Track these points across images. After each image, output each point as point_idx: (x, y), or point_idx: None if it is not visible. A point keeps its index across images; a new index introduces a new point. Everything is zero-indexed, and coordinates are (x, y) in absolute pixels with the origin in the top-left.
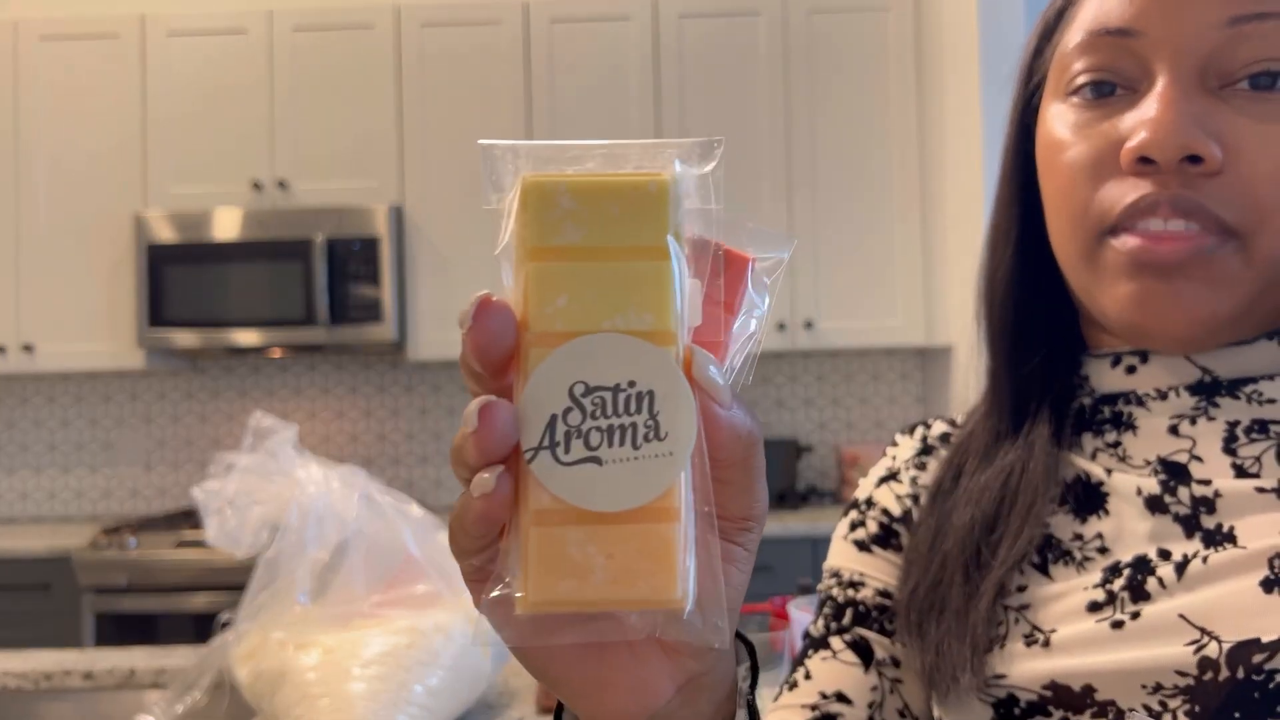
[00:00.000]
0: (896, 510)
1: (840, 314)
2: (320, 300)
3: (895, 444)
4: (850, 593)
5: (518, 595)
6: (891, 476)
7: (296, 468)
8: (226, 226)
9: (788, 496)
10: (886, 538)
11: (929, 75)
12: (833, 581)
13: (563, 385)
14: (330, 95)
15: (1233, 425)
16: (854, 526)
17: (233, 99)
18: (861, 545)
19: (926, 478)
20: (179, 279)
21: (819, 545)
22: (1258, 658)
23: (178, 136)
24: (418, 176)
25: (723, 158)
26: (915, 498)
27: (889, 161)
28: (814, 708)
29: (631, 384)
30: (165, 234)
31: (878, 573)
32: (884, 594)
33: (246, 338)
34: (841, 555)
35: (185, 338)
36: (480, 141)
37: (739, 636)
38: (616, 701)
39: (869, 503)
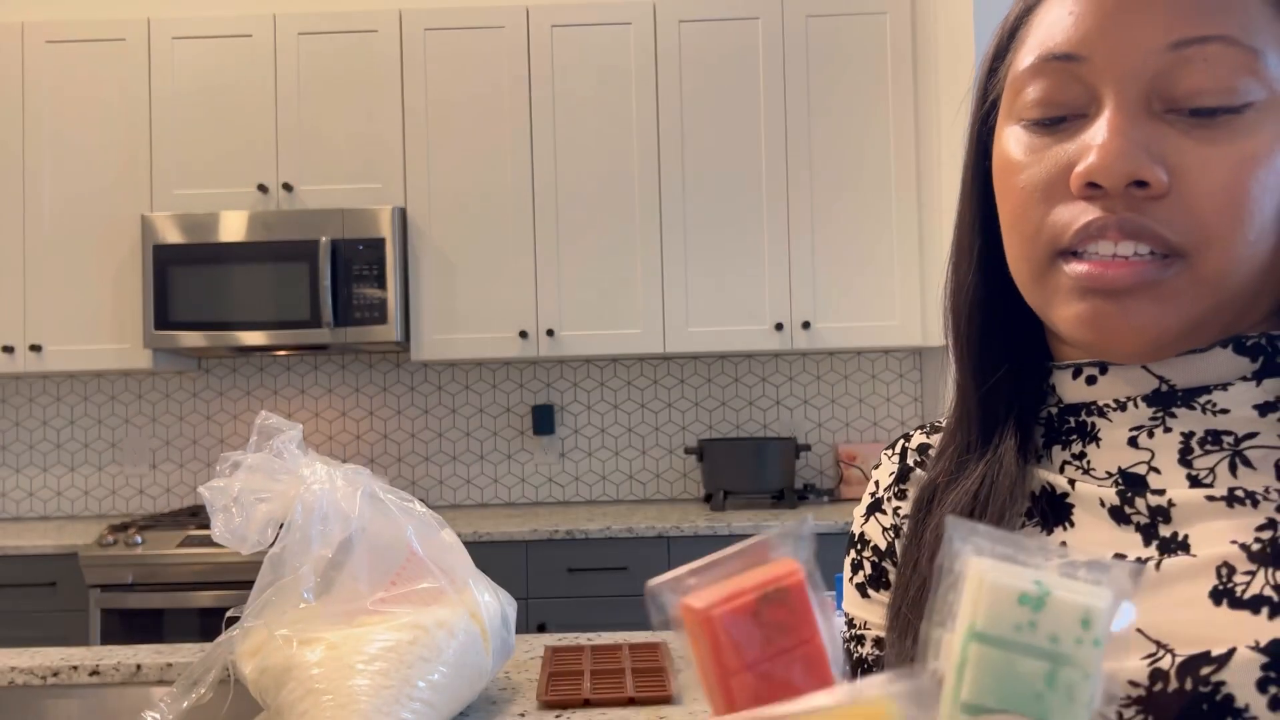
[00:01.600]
0: (883, 545)
1: (838, 314)
2: (325, 301)
3: (879, 464)
4: (859, 649)
5: None
6: (876, 506)
7: (301, 466)
8: (232, 228)
9: (786, 495)
10: (878, 578)
11: (926, 79)
12: (848, 631)
13: None
14: (334, 98)
15: (1188, 437)
16: (855, 568)
17: (238, 102)
18: (862, 590)
19: (908, 507)
20: (185, 280)
21: (817, 542)
22: (1205, 670)
23: (183, 139)
24: (421, 179)
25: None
26: (898, 529)
27: (886, 164)
28: None
29: None
30: (171, 236)
31: (876, 618)
32: (879, 643)
33: (252, 338)
34: (850, 600)
35: (191, 338)
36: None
37: None
38: None
39: (863, 540)
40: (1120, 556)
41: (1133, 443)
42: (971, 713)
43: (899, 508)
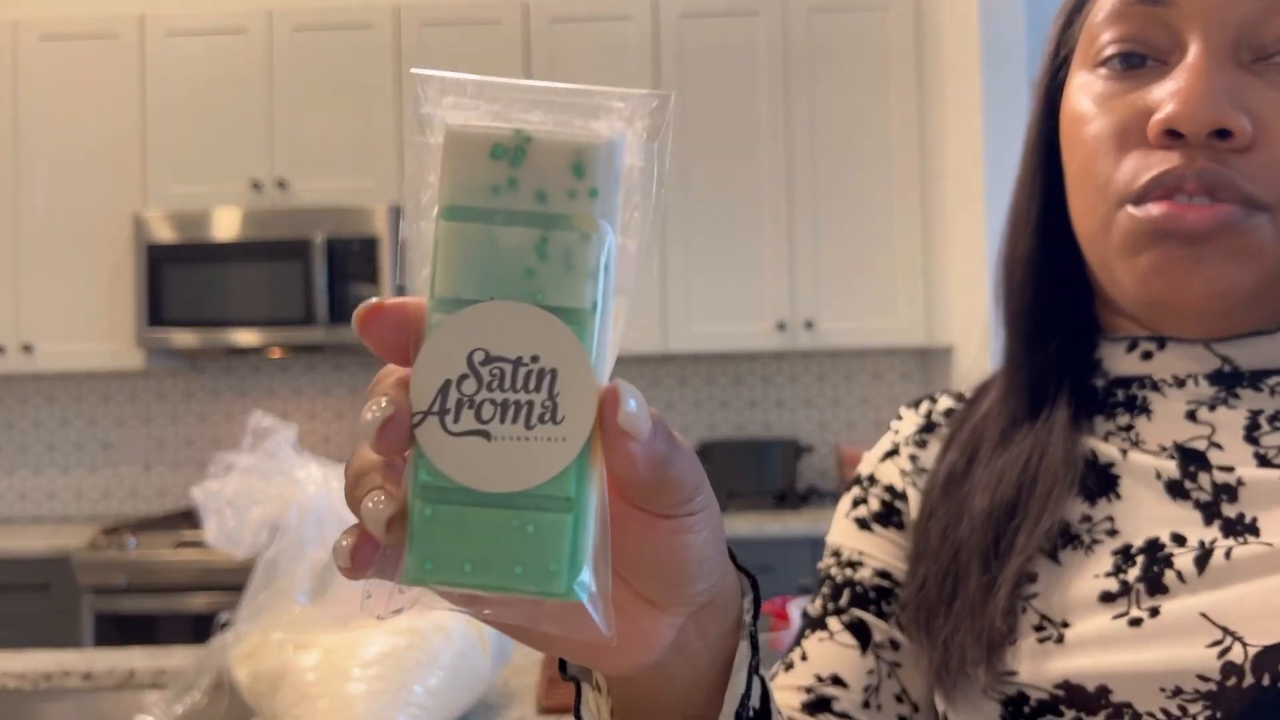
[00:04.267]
0: (899, 485)
1: (841, 314)
2: (320, 300)
3: (900, 418)
4: (849, 572)
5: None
6: (894, 452)
7: (296, 468)
8: (226, 226)
9: (788, 497)
10: (888, 515)
11: (929, 75)
12: (832, 560)
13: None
14: (330, 94)
15: (1255, 414)
16: (856, 504)
17: (232, 98)
18: (862, 523)
19: (926, 457)
20: (178, 279)
21: (819, 546)
22: None
23: (177, 136)
24: None
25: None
26: (912, 475)
27: (889, 161)
28: (809, 690)
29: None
30: (164, 234)
31: (878, 551)
32: (883, 574)
33: (246, 338)
34: (842, 533)
35: (184, 338)
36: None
37: (742, 569)
38: (616, 664)
39: (871, 479)
40: (1179, 537)
41: (1191, 416)
42: (448, 308)
43: (916, 455)
